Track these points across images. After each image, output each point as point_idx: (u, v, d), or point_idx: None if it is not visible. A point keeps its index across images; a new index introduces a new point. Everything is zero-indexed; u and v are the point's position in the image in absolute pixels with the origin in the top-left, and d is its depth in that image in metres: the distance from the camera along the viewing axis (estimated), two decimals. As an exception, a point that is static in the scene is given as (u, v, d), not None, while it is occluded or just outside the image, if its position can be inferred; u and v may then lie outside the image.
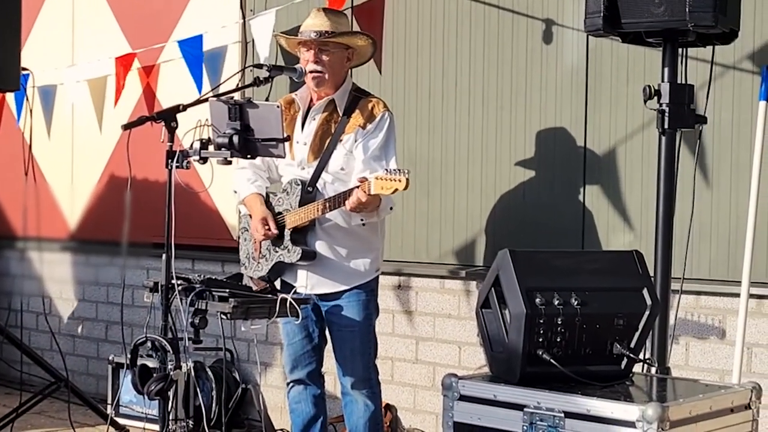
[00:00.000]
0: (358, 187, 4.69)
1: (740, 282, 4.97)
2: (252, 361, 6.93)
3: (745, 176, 5.08)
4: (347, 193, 4.76)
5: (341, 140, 4.97)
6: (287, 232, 4.98)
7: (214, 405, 6.47)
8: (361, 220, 4.92)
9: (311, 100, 5.08)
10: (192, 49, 6.73)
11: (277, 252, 5.02)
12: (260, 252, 5.09)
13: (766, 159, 5.01)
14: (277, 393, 6.74)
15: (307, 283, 5.03)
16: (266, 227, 4.99)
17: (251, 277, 5.07)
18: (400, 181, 4.54)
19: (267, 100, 5.73)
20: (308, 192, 4.97)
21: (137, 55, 7.14)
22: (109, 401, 7.07)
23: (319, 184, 4.98)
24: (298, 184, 4.98)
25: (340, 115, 5.00)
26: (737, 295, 5.00)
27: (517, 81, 5.83)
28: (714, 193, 5.23)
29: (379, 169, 4.80)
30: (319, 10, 5.07)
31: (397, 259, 6.09)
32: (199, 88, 6.58)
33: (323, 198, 4.91)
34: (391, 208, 4.97)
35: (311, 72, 4.94)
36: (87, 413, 6.80)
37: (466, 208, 6.01)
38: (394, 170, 4.58)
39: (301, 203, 4.94)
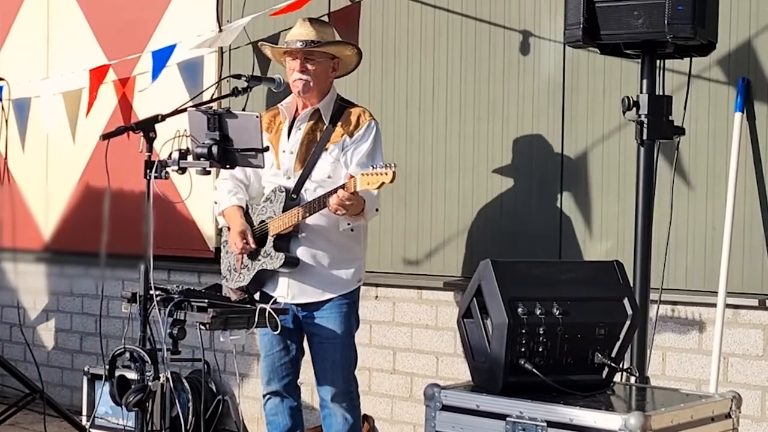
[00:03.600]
0: (341, 186, 4.69)
1: (717, 292, 5.00)
2: (228, 372, 6.91)
3: (721, 186, 5.11)
4: (329, 194, 4.76)
5: (327, 149, 4.98)
6: (270, 239, 4.97)
7: (190, 416, 6.44)
8: (348, 224, 4.91)
9: (296, 109, 5.09)
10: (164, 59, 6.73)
11: (259, 261, 5.01)
12: (242, 262, 5.08)
13: (742, 169, 5.06)
14: (253, 404, 6.71)
15: (288, 291, 5.01)
16: (244, 241, 4.98)
17: (230, 288, 5.06)
18: (386, 174, 4.56)
19: (244, 110, 5.72)
20: (292, 199, 4.97)
21: (113, 67, 7.11)
22: (85, 413, 7.03)
23: (303, 192, 4.98)
24: (282, 191, 4.98)
25: (326, 123, 5.01)
26: (714, 305, 5.03)
27: (495, 92, 5.85)
28: (690, 203, 5.26)
29: None
30: (304, 20, 5.08)
31: (374, 270, 6.08)
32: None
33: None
34: (377, 210, 4.97)
35: (297, 80, 4.95)
36: (62, 425, 6.74)
37: (444, 219, 6.02)
38: (381, 164, 4.59)
39: (285, 210, 4.93)
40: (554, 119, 5.66)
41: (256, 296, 5.04)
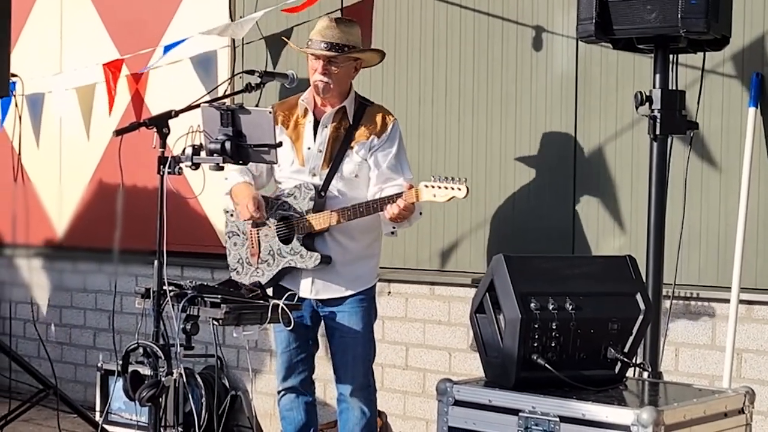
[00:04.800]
0: (398, 195, 4.71)
1: (730, 287, 4.99)
2: (241, 368, 6.92)
3: (734, 181, 5.10)
4: (382, 201, 4.78)
5: (352, 147, 4.99)
6: (297, 237, 4.96)
7: (203, 412, 6.45)
8: (393, 228, 4.91)
9: (316, 105, 5.08)
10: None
11: (284, 258, 5.00)
12: (259, 257, 5.07)
13: (756, 164, 5.04)
14: (266, 400, 6.73)
15: (312, 288, 5.02)
16: (257, 207, 4.94)
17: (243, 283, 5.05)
18: (459, 189, 4.61)
19: (257, 105, 5.73)
20: (320, 197, 4.96)
21: (126, 62, 7.13)
22: (98, 408, 7.04)
23: (331, 190, 4.98)
24: (310, 189, 4.97)
25: (350, 123, 5.01)
26: (727, 300, 5.02)
27: (507, 87, 5.85)
28: (704, 198, 5.25)
29: (397, 177, 4.93)
30: (331, 20, 5.04)
31: (387, 266, 6.09)
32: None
33: (336, 203, 4.93)
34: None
35: (318, 81, 4.94)
36: (76, 421, 6.77)
37: (456, 215, 6.01)
38: (446, 177, 4.63)
39: (314, 209, 4.93)
40: (567, 115, 5.66)
41: (271, 291, 5.03)
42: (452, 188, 4.63)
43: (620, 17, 4.43)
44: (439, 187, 4.65)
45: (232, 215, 5.20)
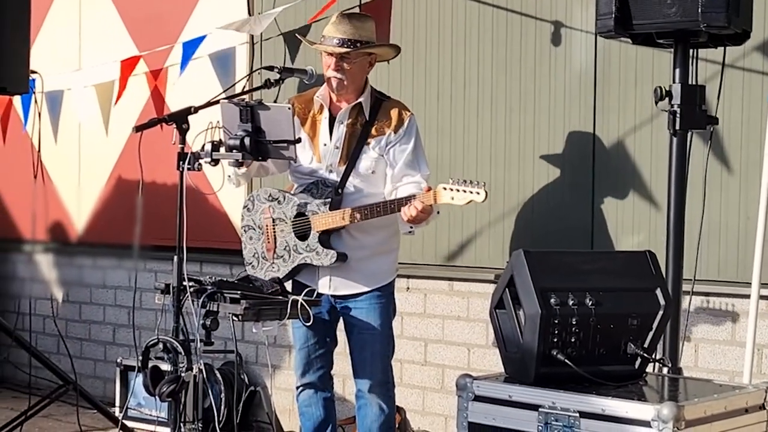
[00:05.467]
0: (414, 196, 4.71)
1: (750, 283, 4.97)
2: (260, 364, 6.93)
3: (754, 176, 5.08)
4: (399, 202, 4.78)
5: (369, 143, 4.97)
6: (314, 234, 4.96)
7: (222, 407, 6.46)
8: (411, 228, 4.90)
9: (331, 101, 5.07)
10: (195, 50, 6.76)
11: (300, 254, 5.00)
12: (275, 252, 5.08)
13: (776, 160, 5.02)
14: (285, 395, 6.74)
15: (330, 284, 5.01)
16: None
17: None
18: (478, 194, 4.60)
19: (276, 101, 5.73)
20: (337, 194, 4.96)
21: (145, 59, 7.14)
22: (117, 404, 7.07)
23: (347, 187, 4.98)
24: (328, 186, 4.97)
25: (366, 119, 5.00)
26: (747, 296, 4.99)
27: (526, 83, 5.84)
28: (723, 193, 5.23)
29: (414, 173, 4.91)
30: (343, 15, 5.01)
31: (405, 262, 6.08)
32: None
33: (353, 200, 4.93)
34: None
35: (332, 78, 4.94)
36: (95, 416, 6.79)
37: (475, 211, 6.00)
38: (466, 181, 4.62)
39: (331, 205, 4.93)
40: (586, 110, 5.64)
41: (289, 286, 5.03)
42: (471, 192, 4.61)
43: (640, 12, 4.41)
44: (458, 190, 4.63)
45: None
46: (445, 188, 4.66)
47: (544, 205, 5.79)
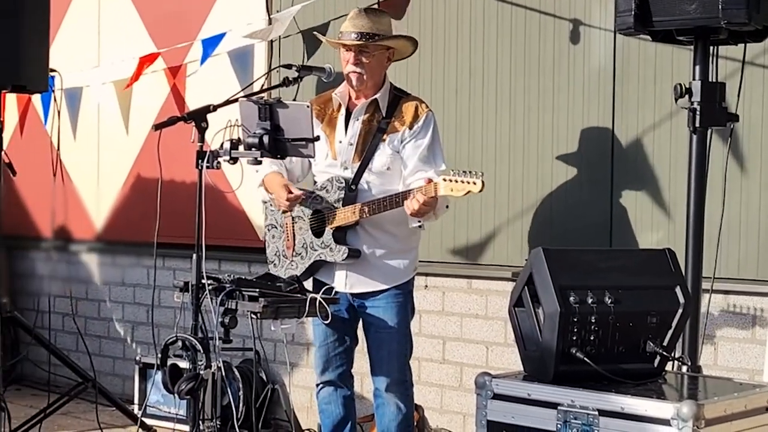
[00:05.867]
0: (416, 189, 4.69)
1: (770, 281, 4.96)
2: (278, 361, 6.94)
3: (775, 175, 5.07)
4: (402, 196, 4.76)
5: (384, 140, 4.97)
6: (328, 230, 4.97)
7: (241, 405, 6.48)
8: (419, 222, 4.89)
9: (350, 99, 5.08)
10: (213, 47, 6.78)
11: (315, 251, 5.01)
12: (294, 250, 5.08)
13: (797, 157, 5.01)
14: (304, 393, 6.74)
15: (345, 282, 5.01)
16: (289, 194, 4.91)
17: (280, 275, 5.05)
18: (474, 183, 4.55)
19: (295, 99, 5.74)
20: (351, 190, 4.96)
21: (164, 56, 7.16)
22: (136, 401, 7.09)
23: (362, 183, 4.97)
24: (341, 182, 4.97)
25: (383, 115, 5.00)
26: (767, 294, 4.98)
27: (545, 81, 5.83)
28: (744, 191, 5.21)
29: (429, 170, 4.86)
30: (360, 10, 5.03)
31: (424, 259, 6.07)
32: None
33: (367, 197, 4.92)
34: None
35: (351, 73, 4.94)
36: (114, 414, 6.82)
37: (494, 208, 6.00)
38: (465, 171, 4.59)
39: (344, 202, 4.93)
40: (605, 108, 5.63)
41: (309, 284, 5.04)
42: (468, 182, 4.58)
43: (659, 9, 4.39)
44: (456, 181, 4.60)
45: (271, 205, 5.21)
46: (445, 179, 4.63)
47: (562, 203, 5.78)
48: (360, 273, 4.99)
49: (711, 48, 4.55)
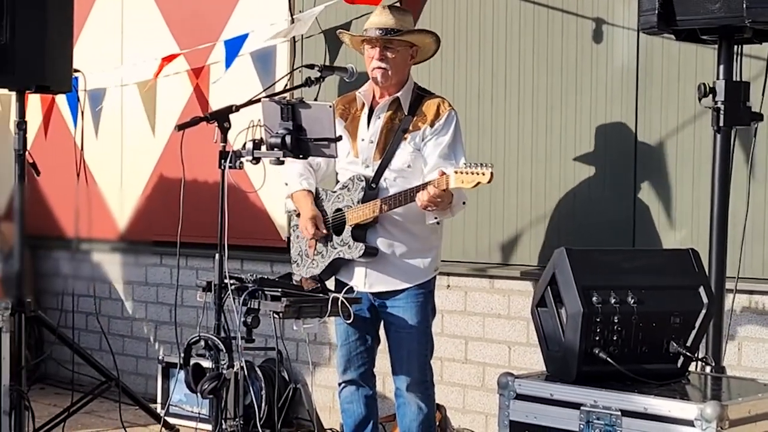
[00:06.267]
0: (429, 183, 4.68)
1: (795, 281, 4.93)
2: (300, 361, 6.95)
3: (799, 174, 5.04)
4: (416, 189, 4.75)
5: (406, 138, 4.97)
6: (347, 228, 4.98)
7: (263, 404, 6.49)
8: (436, 218, 4.89)
9: (374, 97, 5.09)
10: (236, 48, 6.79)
11: (335, 249, 5.02)
12: (315, 249, 5.09)
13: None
14: (326, 392, 6.75)
15: (365, 280, 5.02)
16: (315, 228, 4.99)
17: (303, 277, 5.06)
18: (483, 174, 4.54)
19: (317, 99, 5.74)
20: (371, 188, 4.96)
21: (187, 57, 7.18)
22: (159, 400, 7.11)
23: (383, 181, 4.97)
24: (361, 180, 4.97)
25: (405, 113, 5.00)
26: (792, 294, 4.96)
27: (567, 80, 5.81)
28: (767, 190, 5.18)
29: (449, 167, 4.82)
30: (384, 7, 5.07)
31: (446, 259, 6.07)
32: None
33: (386, 194, 4.91)
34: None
35: (375, 69, 4.95)
36: (137, 413, 6.84)
37: (516, 208, 5.99)
38: (476, 164, 4.58)
39: (364, 199, 4.94)
40: (628, 107, 5.61)
41: (331, 284, 5.04)
42: (477, 173, 4.56)
43: (683, 8, 4.37)
44: (466, 173, 4.60)
45: (298, 215, 5.21)
46: (456, 171, 4.63)
47: (585, 203, 5.76)
48: (379, 271, 4.99)
49: (735, 47, 4.53)
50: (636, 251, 5.11)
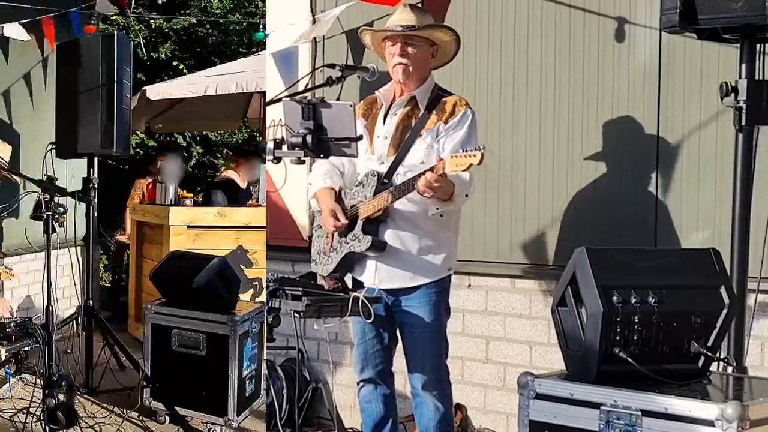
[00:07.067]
0: (429, 169, 4.69)
1: (817, 281, 4.90)
2: (322, 360, 6.95)
3: (822, 174, 5.01)
4: (417, 177, 4.75)
5: (421, 135, 4.97)
6: (359, 222, 4.98)
7: (284, 403, 6.49)
8: (438, 209, 4.88)
9: (394, 96, 5.10)
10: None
11: (348, 243, 5.02)
12: (331, 245, 5.10)
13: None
14: (347, 392, 6.75)
15: (375, 276, 5.01)
16: (335, 219, 4.99)
17: (323, 276, 5.07)
18: (474, 156, 4.53)
19: (338, 99, 5.75)
20: (383, 183, 4.96)
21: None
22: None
23: (396, 177, 4.97)
24: (374, 176, 4.98)
25: (422, 110, 5.00)
26: (814, 294, 4.94)
27: (589, 79, 5.80)
28: (790, 190, 5.16)
29: None
30: (405, 6, 5.09)
31: (467, 258, 6.07)
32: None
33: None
34: (466, 195, 4.92)
35: (397, 64, 4.96)
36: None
37: (537, 207, 5.98)
38: (471, 148, 4.58)
39: (376, 194, 4.95)
40: (650, 106, 5.60)
41: (349, 283, 5.05)
42: (469, 155, 4.54)
43: (705, 6, 4.37)
44: (460, 157, 4.58)
45: (319, 216, 5.23)
46: (452, 156, 4.62)
47: (606, 202, 5.75)
48: (389, 267, 4.97)
49: (758, 46, 4.52)
50: (656, 251, 5.09)
